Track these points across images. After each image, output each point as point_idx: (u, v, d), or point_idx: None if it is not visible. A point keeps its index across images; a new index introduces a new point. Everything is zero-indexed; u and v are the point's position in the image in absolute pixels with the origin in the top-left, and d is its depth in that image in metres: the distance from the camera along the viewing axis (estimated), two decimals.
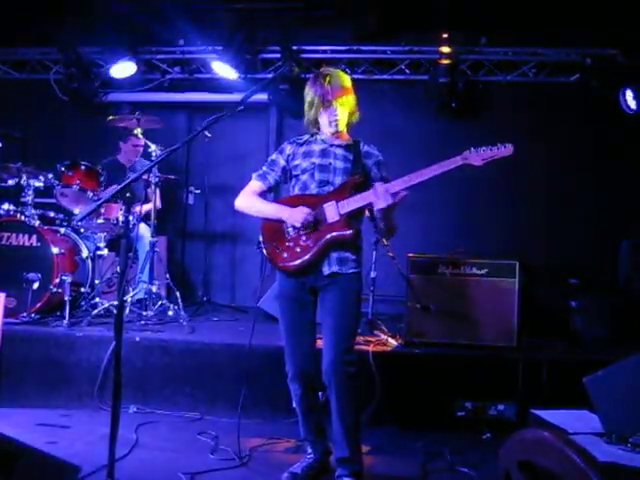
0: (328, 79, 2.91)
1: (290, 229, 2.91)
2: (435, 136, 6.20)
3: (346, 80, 2.98)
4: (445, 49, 5.76)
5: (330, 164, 2.94)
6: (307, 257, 2.86)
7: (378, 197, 2.76)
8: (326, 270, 2.87)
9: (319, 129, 3.03)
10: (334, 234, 2.84)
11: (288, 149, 3.05)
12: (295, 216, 2.87)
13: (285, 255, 2.90)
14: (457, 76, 5.86)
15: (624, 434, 2.41)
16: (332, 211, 2.85)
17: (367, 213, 3.00)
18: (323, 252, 2.86)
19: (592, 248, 5.76)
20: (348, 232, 2.84)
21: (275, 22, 6.07)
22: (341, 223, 2.84)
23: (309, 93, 2.97)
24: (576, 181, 6.02)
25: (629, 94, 5.54)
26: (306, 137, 3.07)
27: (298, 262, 2.87)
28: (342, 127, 2.98)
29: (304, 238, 2.88)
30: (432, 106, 6.12)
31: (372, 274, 4.79)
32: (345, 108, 2.96)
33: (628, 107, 5.57)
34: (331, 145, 2.98)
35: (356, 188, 2.88)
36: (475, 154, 2.78)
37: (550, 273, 5.48)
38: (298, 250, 2.88)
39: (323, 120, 2.97)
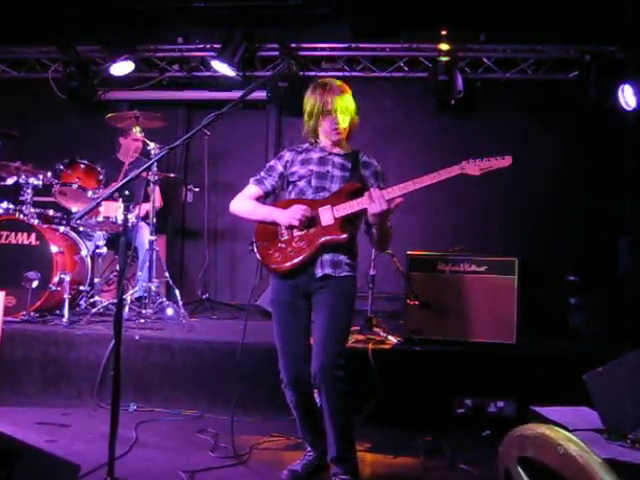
0: (328, 88, 2.92)
1: (284, 231, 2.91)
2: (434, 133, 6.21)
3: (345, 87, 2.98)
4: (444, 46, 5.74)
5: (328, 172, 2.94)
6: (300, 259, 2.84)
7: (373, 201, 2.74)
8: (319, 272, 2.86)
9: (319, 138, 3.03)
10: (328, 237, 2.84)
11: (287, 156, 3.05)
12: (292, 214, 2.85)
13: (277, 256, 2.89)
14: (456, 73, 5.86)
15: (623, 431, 2.41)
16: (327, 215, 2.85)
17: (364, 226, 2.98)
18: (316, 254, 2.85)
19: (591, 245, 5.76)
20: (342, 236, 2.83)
21: (274, 20, 6.07)
22: (335, 227, 2.84)
23: (308, 102, 2.97)
24: (575, 178, 6.01)
25: (628, 91, 5.54)
26: (306, 145, 3.08)
27: (290, 263, 2.86)
28: (343, 135, 2.98)
29: (297, 240, 2.87)
30: (431, 103, 6.12)
31: (371, 271, 4.78)
32: (346, 115, 2.95)
33: (627, 103, 5.56)
34: (330, 153, 2.99)
35: (353, 194, 2.87)
36: (473, 164, 2.76)
37: (549, 270, 5.48)
38: (291, 252, 2.87)
39: (323, 129, 2.97)
